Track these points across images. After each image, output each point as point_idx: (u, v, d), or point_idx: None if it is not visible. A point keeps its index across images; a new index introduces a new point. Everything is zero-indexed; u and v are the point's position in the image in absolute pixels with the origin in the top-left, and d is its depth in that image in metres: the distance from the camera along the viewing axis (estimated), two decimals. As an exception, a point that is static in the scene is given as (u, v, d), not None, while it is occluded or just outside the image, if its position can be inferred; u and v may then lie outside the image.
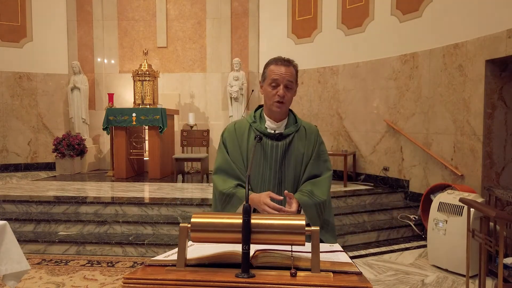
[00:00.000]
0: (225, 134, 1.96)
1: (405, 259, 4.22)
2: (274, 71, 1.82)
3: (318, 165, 1.92)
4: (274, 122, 1.90)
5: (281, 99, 1.81)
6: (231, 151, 1.90)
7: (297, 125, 1.93)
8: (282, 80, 1.81)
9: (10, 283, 2.48)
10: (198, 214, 1.25)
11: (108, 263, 4.02)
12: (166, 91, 8.05)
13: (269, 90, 1.84)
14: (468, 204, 2.97)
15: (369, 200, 5.47)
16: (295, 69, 1.87)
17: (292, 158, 1.88)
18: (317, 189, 1.87)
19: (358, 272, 1.20)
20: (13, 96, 7.76)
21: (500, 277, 2.64)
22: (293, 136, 1.90)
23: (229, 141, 1.92)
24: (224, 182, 1.87)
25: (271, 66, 1.85)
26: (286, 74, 1.81)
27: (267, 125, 1.91)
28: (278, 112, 1.86)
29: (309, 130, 1.96)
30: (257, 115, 1.95)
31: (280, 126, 1.91)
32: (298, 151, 1.89)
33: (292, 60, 1.88)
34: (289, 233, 1.18)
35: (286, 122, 1.93)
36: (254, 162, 1.87)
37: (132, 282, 1.14)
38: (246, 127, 1.92)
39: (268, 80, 1.84)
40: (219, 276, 1.14)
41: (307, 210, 1.83)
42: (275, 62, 1.85)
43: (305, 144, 1.91)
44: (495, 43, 4.32)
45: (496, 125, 4.53)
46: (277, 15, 7.55)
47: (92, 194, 5.42)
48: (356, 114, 6.48)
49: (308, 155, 1.91)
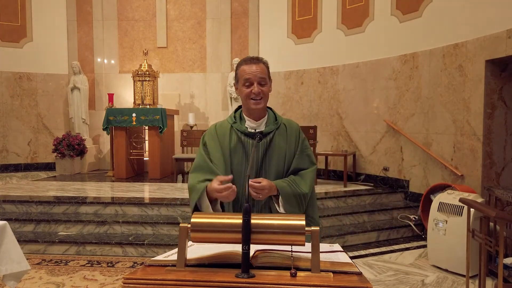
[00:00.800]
0: (206, 137, 1.97)
1: (405, 259, 4.22)
2: (246, 70, 1.85)
3: (302, 160, 1.93)
4: (253, 121, 1.91)
5: (256, 96, 1.84)
6: (212, 152, 1.91)
7: (277, 123, 1.94)
8: (254, 78, 1.83)
9: (10, 283, 2.49)
10: (198, 214, 1.25)
11: (108, 263, 4.02)
12: (166, 91, 8.06)
13: (243, 89, 1.86)
14: (468, 204, 2.97)
15: (369, 200, 5.47)
16: (265, 65, 1.89)
17: (274, 156, 1.89)
18: (301, 181, 1.87)
19: (358, 272, 1.20)
20: (13, 96, 7.76)
21: (500, 277, 2.64)
22: (274, 133, 1.90)
23: (210, 143, 1.93)
24: (194, 178, 1.87)
25: (242, 67, 1.88)
26: (257, 71, 1.84)
27: (247, 125, 1.92)
28: (257, 109, 1.87)
29: (289, 126, 1.96)
30: (237, 116, 1.96)
31: (260, 125, 1.92)
32: (279, 148, 1.90)
33: (261, 58, 1.91)
34: (289, 233, 1.18)
35: (266, 120, 1.94)
36: (237, 162, 1.88)
37: (132, 282, 1.14)
38: (227, 128, 1.93)
39: (241, 80, 1.86)
40: (219, 276, 1.14)
41: (284, 197, 1.81)
42: (244, 62, 1.88)
43: (286, 141, 1.92)
44: (495, 43, 4.32)
45: (496, 125, 4.53)
46: (277, 15, 7.55)
47: (92, 194, 5.42)
48: (356, 114, 6.48)
49: (290, 151, 1.91)
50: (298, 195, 1.83)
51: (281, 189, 1.81)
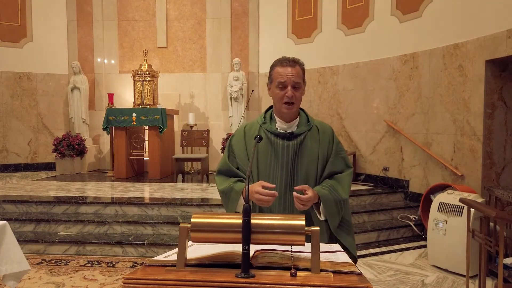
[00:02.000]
0: (233, 138, 1.95)
1: (405, 259, 4.22)
2: (280, 72, 1.79)
3: (337, 163, 1.88)
4: (284, 123, 1.87)
5: (289, 100, 1.79)
6: (237, 153, 1.90)
7: (309, 124, 1.89)
8: (289, 82, 1.78)
9: (10, 283, 2.49)
10: (198, 214, 1.25)
11: (108, 263, 4.02)
12: (166, 91, 8.05)
13: (277, 92, 1.81)
14: (468, 204, 2.97)
15: (369, 200, 5.47)
16: (301, 68, 1.83)
17: (305, 158, 1.84)
18: (338, 186, 1.83)
19: (358, 272, 1.19)
20: (13, 96, 7.76)
21: (500, 277, 2.64)
22: (305, 135, 1.85)
23: (236, 145, 1.92)
24: (223, 182, 1.88)
25: (277, 68, 1.82)
26: (292, 75, 1.78)
27: (277, 126, 1.88)
28: (288, 113, 1.83)
29: (322, 129, 1.91)
30: (268, 116, 1.92)
31: (291, 126, 1.87)
32: (311, 150, 1.85)
33: (297, 60, 1.85)
34: (289, 233, 1.18)
35: (298, 122, 1.89)
36: (264, 163, 1.85)
37: (132, 282, 1.14)
38: (256, 129, 1.90)
39: (275, 82, 1.81)
40: (219, 276, 1.14)
41: (326, 205, 1.78)
42: (280, 64, 1.82)
43: (318, 143, 1.87)
44: (495, 43, 4.32)
45: (496, 125, 4.53)
46: (277, 15, 7.55)
47: (92, 194, 5.42)
48: (356, 114, 6.48)
49: (323, 154, 1.87)
50: (338, 201, 1.80)
51: (323, 196, 1.77)
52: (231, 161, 1.92)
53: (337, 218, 1.83)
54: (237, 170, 1.89)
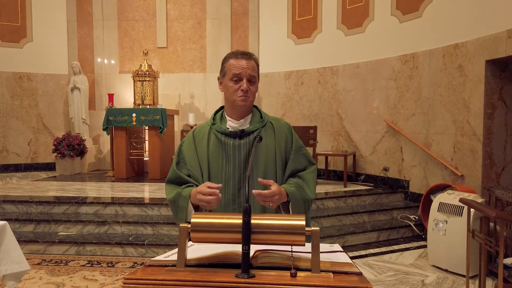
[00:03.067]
0: (183, 144, 1.83)
1: (405, 259, 4.22)
2: (235, 65, 1.69)
3: (299, 160, 1.79)
4: (235, 121, 1.76)
5: (245, 94, 1.69)
6: (187, 159, 1.78)
7: (262, 121, 1.78)
8: (244, 74, 1.68)
9: (10, 283, 2.48)
10: (198, 214, 1.25)
11: (108, 264, 4.02)
12: (166, 91, 8.05)
13: (230, 85, 1.69)
14: (468, 205, 2.97)
15: (369, 200, 5.47)
16: (256, 62, 1.75)
17: (261, 156, 1.72)
18: (304, 185, 1.74)
19: (358, 273, 1.19)
20: (13, 96, 7.76)
21: (500, 278, 2.64)
22: (259, 132, 1.74)
23: (186, 151, 1.79)
24: (171, 191, 1.76)
25: (230, 60, 1.71)
26: (248, 68, 1.69)
27: (228, 125, 1.76)
28: (243, 107, 1.72)
29: (277, 125, 1.81)
30: (218, 117, 1.82)
31: (243, 124, 1.76)
32: (267, 147, 1.74)
33: (252, 54, 1.76)
34: (289, 233, 1.18)
35: (250, 119, 1.78)
36: (215, 165, 1.73)
37: (132, 283, 1.14)
38: (206, 131, 1.79)
39: (229, 74, 1.69)
40: (219, 276, 1.14)
41: (295, 204, 1.67)
42: (234, 56, 1.71)
43: (274, 140, 1.76)
44: (495, 43, 4.32)
45: (496, 125, 4.53)
46: (277, 15, 7.55)
47: (92, 194, 5.42)
48: (356, 114, 6.48)
49: (281, 152, 1.76)
50: (305, 200, 1.71)
51: (291, 194, 1.66)
52: (180, 168, 1.79)
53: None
54: (187, 177, 1.76)
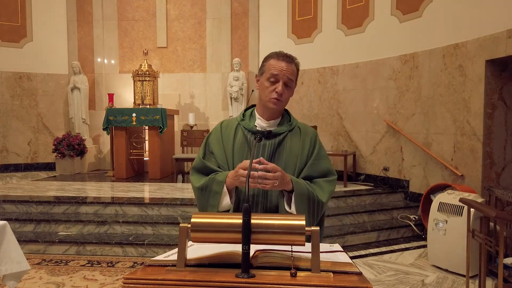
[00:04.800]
0: (211, 136, 1.82)
1: (405, 259, 4.22)
2: (275, 65, 1.65)
3: (317, 167, 1.72)
4: (264, 121, 1.74)
5: (278, 97, 1.65)
6: (216, 151, 1.77)
7: (290, 124, 1.76)
8: (282, 76, 1.64)
9: (10, 283, 2.48)
10: (198, 214, 1.25)
11: (108, 263, 4.02)
12: (166, 91, 8.06)
13: (266, 85, 1.67)
14: (468, 204, 2.97)
15: (369, 200, 5.47)
16: (296, 67, 1.70)
17: (283, 159, 1.70)
18: (316, 188, 1.67)
19: (358, 272, 1.19)
20: (13, 96, 7.76)
21: (500, 277, 2.64)
22: (285, 135, 1.73)
23: (213, 142, 1.79)
24: (199, 179, 1.73)
25: (271, 60, 1.68)
26: (287, 71, 1.65)
27: (256, 123, 1.75)
28: (274, 109, 1.70)
29: (304, 131, 1.78)
30: (248, 114, 1.81)
31: (271, 125, 1.74)
32: (290, 152, 1.71)
33: (294, 57, 1.71)
34: (289, 233, 1.18)
35: (279, 121, 1.77)
36: (240, 161, 1.68)
37: (132, 282, 1.14)
38: (234, 126, 1.78)
39: (267, 74, 1.67)
40: (219, 276, 1.14)
41: (298, 195, 1.59)
42: (276, 56, 1.68)
43: (299, 146, 1.73)
44: (495, 43, 4.32)
45: (496, 125, 4.53)
46: (277, 15, 7.55)
47: (92, 194, 5.42)
48: (356, 114, 6.48)
49: (302, 157, 1.72)
50: (313, 199, 1.62)
51: (296, 183, 1.60)
52: (208, 159, 1.78)
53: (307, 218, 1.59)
54: (215, 167, 1.74)
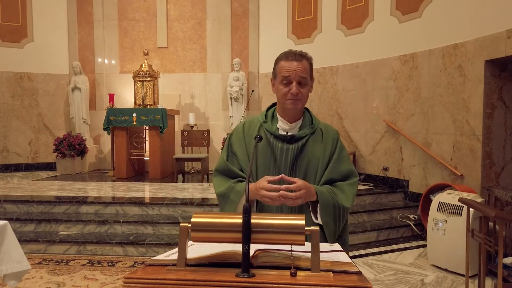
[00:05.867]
0: (233, 136, 1.81)
1: (405, 259, 4.23)
2: (285, 67, 1.64)
3: (338, 169, 1.71)
4: (287, 123, 1.73)
5: (294, 97, 1.64)
6: (238, 152, 1.76)
7: (312, 127, 1.74)
8: (294, 77, 1.63)
9: (11, 283, 2.49)
10: (199, 214, 1.26)
11: (108, 263, 4.03)
12: (166, 91, 8.06)
13: (281, 88, 1.66)
14: (467, 204, 2.98)
15: (369, 200, 5.47)
16: (308, 62, 1.67)
17: (304, 163, 1.70)
18: (339, 192, 1.66)
19: (358, 272, 1.20)
20: (13, 96, 7.77)
21: (499, 277, 2.64)
22: (308, 138, 1.71)
23: (236, 143, 1.78)
24: (221, 184, 1.74)
25: (281, 62, 1.67)
26: (299, 69, 1.63)
27: (279, 126, 1.74)
28: (293, 109, 1.68)
29: (326, 132, 1.76)
30: (269, 114, 1.78)
31: (294, 128, 1.73)
32: (312, 155, 1.70)
33: (305, 53, 1.68)
34: (289, 232, 1.19)
35: (301, 123, 1.75)
36: (263, 165, 1.71)
37: (132, 282, 1.15)
38: (256, 127, 1.76)
39: (279, 77, 1.66)
40: (219, 275, 1.15)
41: (323, 204, 1.59)
42: (285, 57, 1.66)
43: (321, 148, 1.71)
44: (495, 43, 4.33)
45: (496, 125, 4.53)
46: (277, 15, 7.56)
47: (92, 194, 5.43)
48: (356, 114, 6.49)
49: (324, 160, 1.71)
50: (338, 207, 1.62)
51: (320, 193, 1.59)
52: (231, 161, 1.77)
53: (332, 226, 1.63)
54: (238, 170, 1.75)
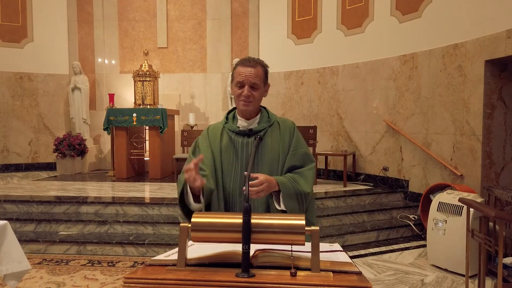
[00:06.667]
0: (199, 140, 1.98)
1: (405, 259, 4.23)
2: (240, 72, 1.82)
3: (297, 157, 1.88)
4: (245, 121, 1.90)
5: (246, 99, 1.82)
6: (203, 152, 1.91)
7: (269, 121, 1.92)
8: (246, 81, 1.81)
9: (11, 283, 2.49)
10: (199, 214, 1.26)
11: (108, 263, 4.03)
12: (166, 91, 8.07)
13: (235, 90, 1.85)
14: (467, 204, 2.98)
15: (369, 200, 5.47)
16: (263, 69, 1.86)
17: (266, 154, 1.86)
18: (299, 178, 1.81)
19: (358, 272, 1.20)
20: (14, 96, 7.77)
21: (499, 277, 2.64)
22: (265, 131, 1.88)
23: (202, 145, 1.94)
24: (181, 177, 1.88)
25: (238, 67, 1.85)
26: (251, 75, 1.80)
27: (239, 124, 1.91)
28: (246, 110, 1.86)
29: (283, 125, 1.93)
30: (230, 116, 1.97)
31: (252, 124, 1.90)
32: (272, 146, 1.87)
33: (260, 61, 1.87)
34: (289, 232, 1.19)
35: (258, 119, 1.92)
36: (227, 160, 1.87)
37: (132, 282, 1.15)
38: (219, 129, 1.95)
39: (234, 81, 1.85)
40: (219, 275, 1.15)
41: (285, 192, 1.75)
42: (241, 64, 1.85)
43: (279, 139, 1.89)
44: (495, 43, 4.33)
45: (496, 125, 4.54)
46: (277, 15, 7.55)
47: (92, 194, 5.43)
48: (356, 114, 6.49)
49: (284, 149, 1.88)
50: (299, 193, 1.78)
51: (282, 184, 1.75)
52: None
53: (297, 212, 1.77)
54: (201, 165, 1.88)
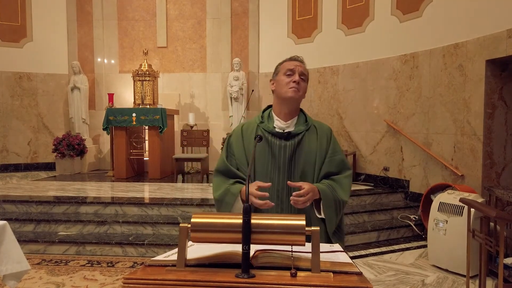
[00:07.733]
0: (232, 138, 1.91)
1: (405, 259, 4.22)
2: (289, 64, 1.84)
3: (334, 164, 1.83)
4: (282, 122, 1.84)
5: (296, 85, 1.79)
6: (236, 153, 1.85)
7: (307, 124, 1.86)
8: (297, 70, 1.81)
9: (10, 283, 2.48)
10: (198, 214, 1.25)
11: (108, 263, 4.02)
12: (166, 91, 8.06)
13: (283, 78, 1.82)
14: (468, 204, 2.97)
15: (369, 200, 5.47)
16: (306, 69, 1.90)
17: (302, 158, 1.80)
18: (337, 186, 1.78)
19: (358, 272, 1.19)
20: (13, 96, 7.76)
21: (500, 277, 2.64)
22: (303, 135, 1.82)
23: (235, 144, 1.87)
24: (218, 186, 1.84)
25: (285, 62, 1.87)
26: (301, 66, 1.84)
27: (275, 125, 1.84)
28: (293, 97, 1.81)
29: (320, 129, 1.88)
30: (266, 115, 1.90)
31: (289, 125, 1.84)
32: (309, 150, 1.81)
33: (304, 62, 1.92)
34: (289, 233, 1.18)
35: (296, 121, 1.87)
36: (261, 163, 1.81)
37: (132, 282, 1.14)
38: (254, 128, 1.87)
39: (283, 71, 1.83)
40: (219, 276, 1.14)
41: (326, 201, 1.73)
42: (289, 59, 1.87)
43: (316, 144, 1.83)
44: (495, 43, 4.32)
45: (496, 125, 4.53)
46: (277, 15, 7.55)
47: (92, 194, 5.42)
48: (356, 114, 6.48)
49: (321, 154, 1.82)
50: (337, 201, 1.75)
51: (323, 192, 1.72)
52: (230, 161, 1.87)
53: (334, 220, 1.76)
54: (236, 170, 1.83)
